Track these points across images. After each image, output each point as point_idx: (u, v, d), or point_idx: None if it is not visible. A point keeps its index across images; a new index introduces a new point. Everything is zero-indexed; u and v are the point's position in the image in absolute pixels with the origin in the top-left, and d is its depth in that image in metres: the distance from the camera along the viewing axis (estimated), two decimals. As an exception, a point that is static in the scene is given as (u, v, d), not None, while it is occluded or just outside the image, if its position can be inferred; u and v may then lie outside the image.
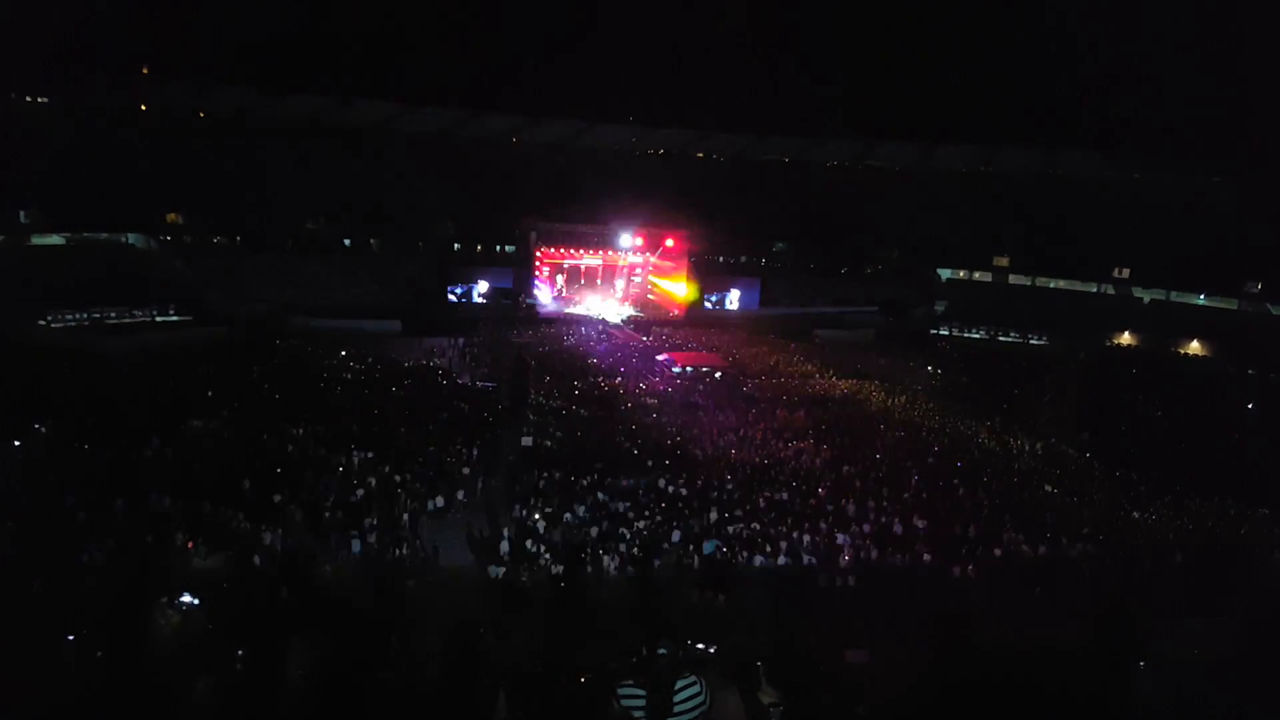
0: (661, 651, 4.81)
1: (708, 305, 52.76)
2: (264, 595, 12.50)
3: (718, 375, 35.08)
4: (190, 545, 15.46)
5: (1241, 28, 53.73)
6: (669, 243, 50.91)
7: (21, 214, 42.65)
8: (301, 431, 22.63)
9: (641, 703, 4.79)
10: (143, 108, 56.22)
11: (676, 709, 4.80)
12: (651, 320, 48.38)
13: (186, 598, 7.37)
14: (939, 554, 18.21)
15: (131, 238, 45.79)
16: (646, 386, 32.57)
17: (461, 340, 38.68)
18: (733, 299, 53.79)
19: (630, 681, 4.87)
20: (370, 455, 21.24)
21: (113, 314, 38.10)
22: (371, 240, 52.06)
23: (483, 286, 49.77)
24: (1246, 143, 53.05)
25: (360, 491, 19.07)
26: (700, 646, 5.80)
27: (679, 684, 4.87)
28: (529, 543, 17.38)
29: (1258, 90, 50.37)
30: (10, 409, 21.55)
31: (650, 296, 52.56)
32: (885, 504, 20.73)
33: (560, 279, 51.34)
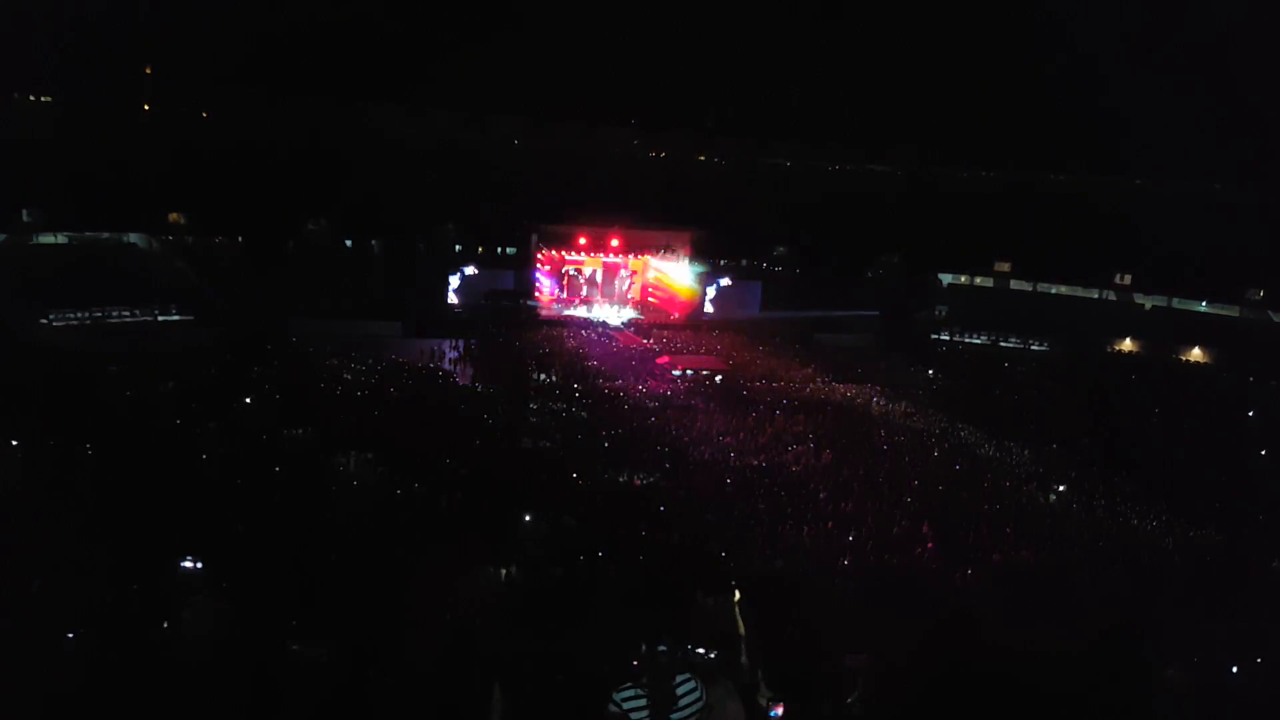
0: (662, 649, 4.80)
1: (708, 307, 52.48)
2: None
3: (718, 379, 35.12)
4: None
5: (1244, 35, 53.84)
6: (669, 245, 50.85)
7: (24, 213, 42.68)
8: (301, 432, 22.55)
9: (643, 703, 4.77)
10: (145, 108, 56.36)
11: (679, 707, 4.79)
12: (652, 323, 48.32)
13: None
14: (939, 558, 18.19)
15: (133, 237, 45.83)
16: (647, 389, 32.62)
17: (461, 342, 38.67)
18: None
19: (628, 686, 4.85)
20: (369, 457, 21.15)
21: (114, 313, 38.11)
22: (373, 241, 52.03)
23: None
24: (1248, 149, 53.12)
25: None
26: (700, 650, 5.80)
27: (678, 680, 4.86)
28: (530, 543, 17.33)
29: (1259, 97, 50.45)
30: (10, 408, 21.47)
31: (651, 300, 52.49)
32: (885, 507, 20.71)
33: (561, 281, 51.27)
